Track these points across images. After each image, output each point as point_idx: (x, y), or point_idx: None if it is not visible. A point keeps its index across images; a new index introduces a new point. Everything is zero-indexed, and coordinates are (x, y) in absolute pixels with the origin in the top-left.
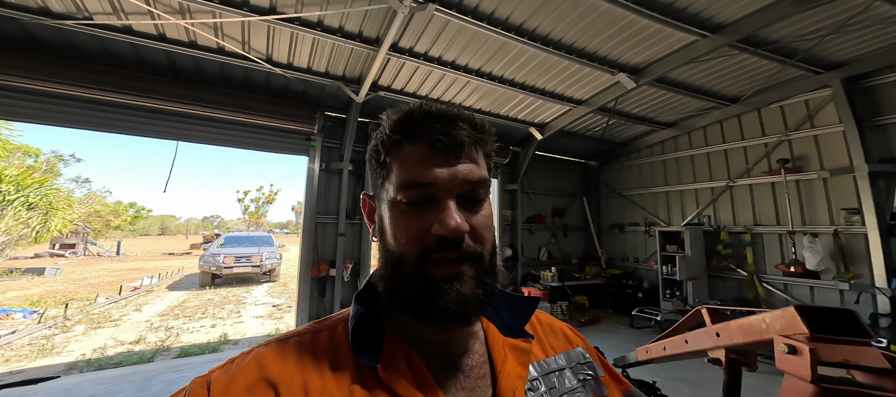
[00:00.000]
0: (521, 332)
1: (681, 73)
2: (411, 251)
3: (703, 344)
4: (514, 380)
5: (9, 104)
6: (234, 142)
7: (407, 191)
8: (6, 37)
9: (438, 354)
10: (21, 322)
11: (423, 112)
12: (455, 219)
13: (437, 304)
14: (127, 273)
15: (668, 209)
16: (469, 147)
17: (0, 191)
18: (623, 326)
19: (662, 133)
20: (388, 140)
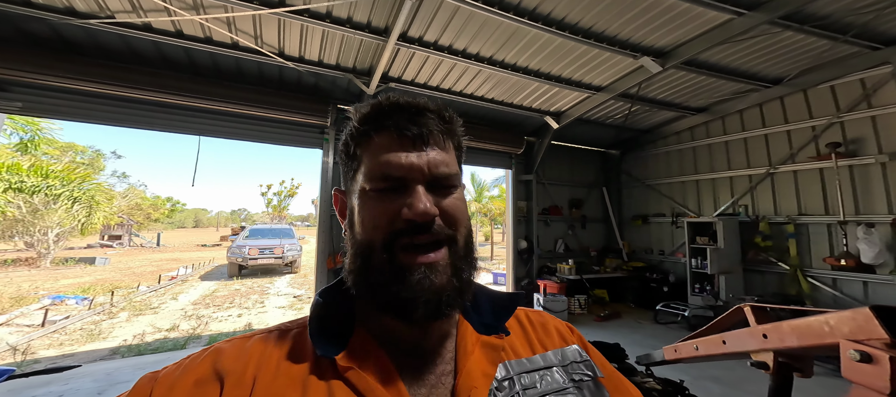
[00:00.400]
0: (498, 329)
1: (713, 55)
2: (379, 236)
3: (746, 345)
4: (475, 378)
5: (44, 102)
6: (252, 136)
7: (376, 178)
8: (39, 37)
9: (406, 349)
10: (74, 308)
11: (391, 103)
12: (423, 202)
13: (408, 294)
14: (165, 263)
15: (699, 198)
16: (438, 136)
17: (48, 185)
18: (646, 321)
19: (692, 118)
20: (357, 132)
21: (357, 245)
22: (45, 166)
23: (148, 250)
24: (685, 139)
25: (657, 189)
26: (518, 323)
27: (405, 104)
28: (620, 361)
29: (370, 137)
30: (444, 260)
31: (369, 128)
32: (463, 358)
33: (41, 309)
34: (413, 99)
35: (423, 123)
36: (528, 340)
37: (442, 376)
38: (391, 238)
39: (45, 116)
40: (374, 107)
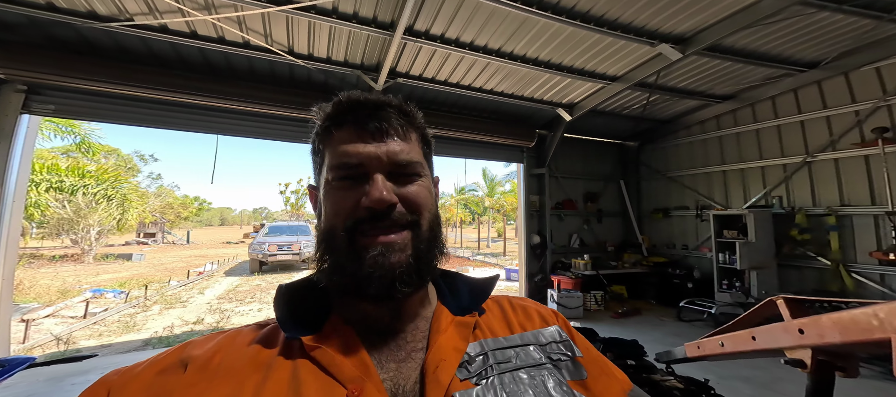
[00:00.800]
0: (472, 310)
1: (739, 40)
2: (340, 222)
3: (779, 341)
4: (443, 352)
5: (74, 104)
6: (267, 134)
7: (337, 169)
8: (66, 42)
9: (377, 329)
10: (112, 301)
11: (350, 100)
12: (381, 190)
13: (363, 271)
14: (194, 259)
15: (727, 190)
16: (398, 128)
17: (85, 184)
18: (669, 319)
19: (717, 107)
20: (320, 129)
21: (322, 233)
22: (82, 167)
23: (179, 247)
24: (710, 128)
25: (679, 181)
26: (499, 307)
27: (364, 100)
28: (638, 358)
29: (331, 133)
30: (404, 240)
31: (331, 124)
32: (435, 336)
33: (83, 302)
34: (374, 95)
35: (382, 117)
36: (507, 321)
37: (412, 352)
38: (352, 224)
39: (74, 118)
40: (335, 105)
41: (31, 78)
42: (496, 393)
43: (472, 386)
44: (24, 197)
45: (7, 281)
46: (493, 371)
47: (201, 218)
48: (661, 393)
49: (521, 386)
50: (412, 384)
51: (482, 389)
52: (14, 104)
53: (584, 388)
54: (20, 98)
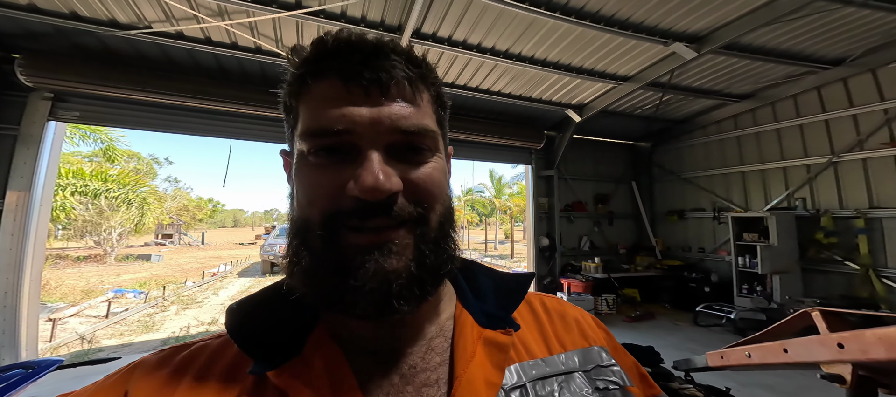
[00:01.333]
0: (504, 322)
1: (758, 37)
2: (317, 214)
3: (815, 355)
4: (476, 388)
5: (97, 111)
6: (275, 137)
7: (314, 138)
8: (90, 50)
9: (377, 349)
10: (132, 301)
11: (337, 39)
12: (375, 173)
13: (348, 284)
14: (208, 260)
15: (746, 191)
16: (404, 84)
17: (107, 188)
18: (684, 323)
19: (735, 106)
20: (293, 78)
21: (291, 224)
22: (105, 171)
23: (194, 248)
24: (727, 128)
25: (695, 182)
26: (531, 312)
27: (357, 41)
28: (654, 365)
29: (308, 85)
30: (404, 239)
31: (307, 71)
32: (462, 363)
33: (105, 302)
34: (371, 37)
35: (382, 67)
36: (542, 335)
37: (425, 386)
38: (332, 218)
39: (98, 124)
40: (315, 45)
41: (56, 86)
42: None
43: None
44: (51, 200)
45: (35, 281)
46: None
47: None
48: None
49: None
50: None
51: None
52: (41, 111)
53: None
54: (47, 105)
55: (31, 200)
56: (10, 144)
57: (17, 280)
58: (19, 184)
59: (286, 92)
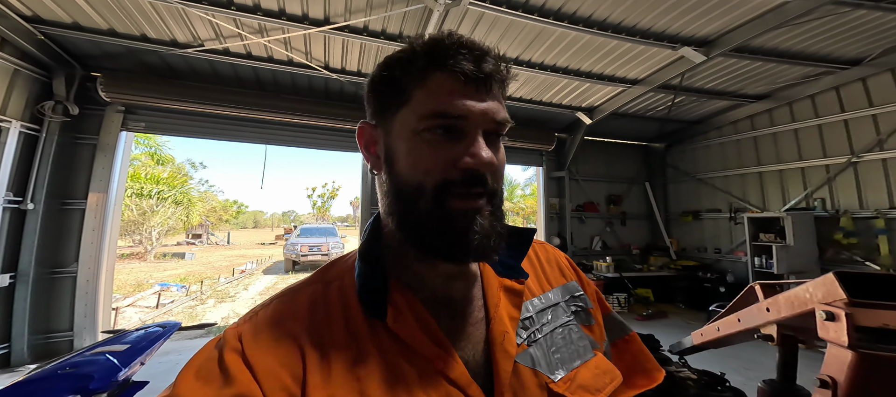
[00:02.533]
0: (516, 271)
1: (770, 40)
2: (431, 181)
3: (755, 320)
4: (505, 323)
5: (159, 121)
6: (305, 142)
7: (434, 119)
8: (152, 67)
9: (440, 300)
10: (176, 294)
11: (455, 40)
12: (488, 151)
13: (460, 239)
14: (235, 259)
15: (763, 192)
16: (498, 84)
17: (159, 190)
18: (698, 323)
19: (751, 106)
20: (411, 65)
21: (401, 188)
22: (157, 175)
23: (221, 247)
24: (744, 129)
25: (710, 183)
26: (528, 260)
27: (469, 44)
28: (654, 351)
29: (429, 73)
30: (487, 208)
31: (428, 63)
32: (493, 307)
33: (155, 294)
34: (471, 39)
35: (487, 69)
36: (537, 277)
37: (475, 323)
38: (443, 185)
39: (159, 133)
40: (433, 40)
41: (128, 100)
42: (544, 351)
43: (527, 348)
44: (122, 201)
45: (109, 273)
46: (539, 332)
47: (239, 221)
48: (675, 384)
49: (559, 341)
50: (480, 353)
51: (534, 349)
52: (115, 123)
53: (589, 331)
54: (120, 117)
55: (108, 201)
56: (90, 152)
57: (96, 271)
58: (98, 187)
59: (401, 74)
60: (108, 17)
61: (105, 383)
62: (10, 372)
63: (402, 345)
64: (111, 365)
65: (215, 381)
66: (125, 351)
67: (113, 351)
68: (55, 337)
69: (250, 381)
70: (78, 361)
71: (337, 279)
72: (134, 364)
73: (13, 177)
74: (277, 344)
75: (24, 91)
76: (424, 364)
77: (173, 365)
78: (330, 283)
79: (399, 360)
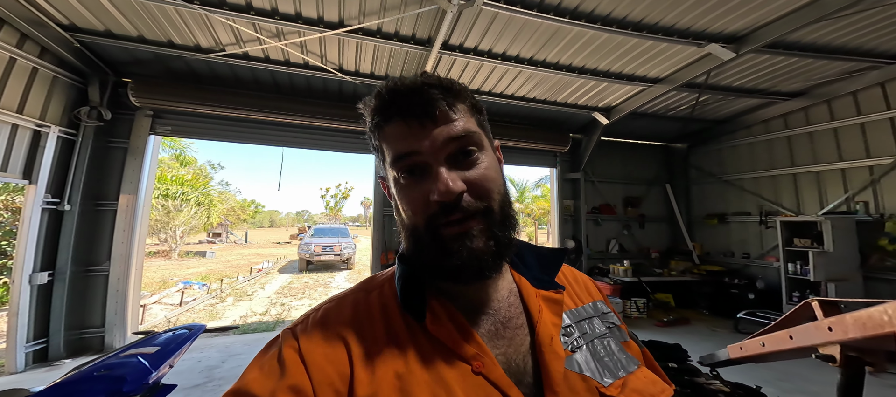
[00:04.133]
0: (552, 284)
1: (807, 34)
2: (420, 220)
3: (812, 339)
4: (549, 328)
5: (184, 125)
6: (320, 144)
7: (397, 165)
8: (178, 73)
9: (475, 307)
10: (198, 292)
11: (390, 90)
12: (444, 181)
13: (451, 263)
14: (253, 257)
15: (798, 194)
16: (444, 107)
17: (183, 191)
18: (724, 330)
19: (784, 104)
20: (372, 125)
21: (405, 228)
22: (181, 177)
23: (239, 246)
24: (776, 128)
25: (738, 184)
26: (562, 278)
27: (403, 87)
28: (681, 361)
29: (382, 128)
30: (479, 226)
31: (380, 119)
32: (535, 313)
33: (178, 292)
34: (412, 78)
35: (425, 101)
36: (570, 293)
37: (516, 329)
38: (431, 220)
39: (184, 136)
40: (377, 97)
41: (156, 104)
42: (589, 358)
43: (572, 354)
44: (151, 202)
45: (138, 271)
46: (581, 340)
47: (256, 220)
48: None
49: (600, 351)
50: (523, 356)
51: (578, 355)
52: (145, 127)
53: (628, 347)
54: (148, 122)
55: (137, 202)
56: (121, 155)
57: (126, 269)
58: (128, 188)
59: (371, 136)
60: (137, 24)
61: (137, 385)
62: (48, 366)
63: (440, 347)
64: (143, 368)
65: (275, 374)
66: (155, 353)
67: (144, 353)
68: (88, 334)
69: (303, 374)
70: (112, 363)
71: (377, 288)
72: (163, 366)
73: (51, 180)
74: (326, 343)
75: (62, 97)
76: (463, 366)
77: (195, 362)
78: (371, 292)
79: (438, 362)
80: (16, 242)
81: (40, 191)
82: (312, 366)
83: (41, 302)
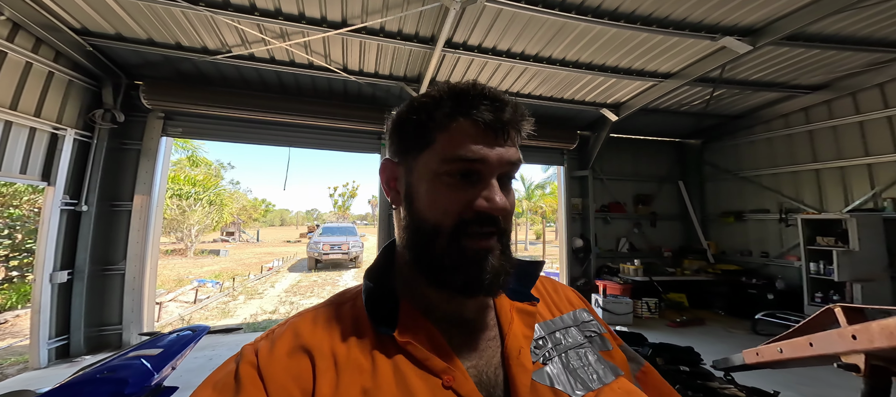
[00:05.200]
0: (526, 296)
1: (829, 26)
2: (449, 222)
3: (834, 347)
4: (519, 340)
5: (194, 126)
6: (325, 144)
7: (454, 163)
8: (187, 75)
9: (451, 320)
10: (211, 290)
11: (476, 91)
12: (502, 195)
13: (472, 276)
14: (264, 256)
15: (821, 191)
16: (514, 131)
17: (195, 191)
18: (741, 331)
19: (806, 98)
20: (436, 110)
21: (420, 225)
22: (194, 177)
23: (251, 244)
24: (797, 122)
25: (756, 181)
26: (537, 291)
27: (490, 95)
28: (693, 365)
29: (451, 119)
30: (497, 246)
31: (452, 110)
32: (506, 325)
33: (193, 290)
34: (495, 90)
35: (504, 118)
36: (547, 305)
37: (488, 341)
38: (459, 225)
39: (194, 137)
40: (456, 89)
41: (167, 106)
42: (561, 369)
43: (542, 367)
44: (164, 203)
45: (152, 270)
46: (553, 352)
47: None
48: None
49: (574, 362)
50: (494, 369)
51: (550, 367)
52: (157, 128)
53: (610, 356)
54: (160, 123)
55: (151, 203)
56: (135, 157)
57: (141, 268)
58: (142, 189)
59: (424, 119)
60: (146, 27)
61: (139, 388)
62: (69, 362)
63: (411, 360)
64: (145, 370)
65: (229, 391)
66: (158, 355)
67: (147, 355)
68: (107, 331)
69: (260, 390)
70: (115, 365)
71: (349, 301)
72: (166, 368)
73: (69, 182)
74: (290, 359)
75: (77, 100)
76: (433, 379)
77: (206, 360)
78: (342, 305)
79: (408, 375)
80: (37, 242)
81: (59, 192)
82: (271, 382)
83: (62, 300)
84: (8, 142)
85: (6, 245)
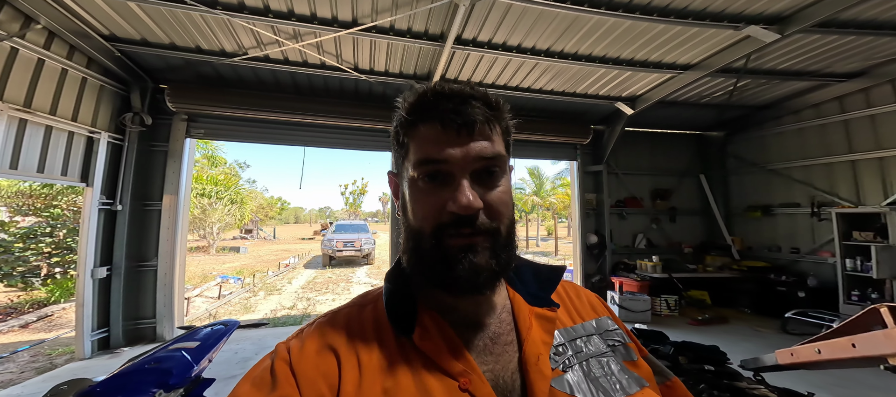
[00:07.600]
0: (546, 301)
1: (865, 11)
2: (428, 226)
3: (881, 348)
4: (538, 346)
5: (215, 127)
6: (338, 143)
7: (422, 167)
8: (206, 77)
9: (468, 323)
10: (233, 286)
11: (435, 92)
12: (467, 196)
13: (451, 274)
14: (280, 253)
15: (857, 183)
16: (482, 124)
17: (217, 190)
18: (769, 330)
19: (840, 86)
20: (404, 121)
21: (410, 230)
22: (215, 176)
23: (268, 242)
24: (830, 112)
25: (785, 173)
26: (558, 296)
27: (450, 93)
28: (719, 364)
29: (416, 126)
30: (484, 244)
31: (415, 117)
32: (525, 330)
33: (217, 286)
34: (459, 87)
35: (468, 113)
36: (568, 311)
37: (505, 345)
38: (439, 228)
39: (215, 138)
40: (419, 95)
41: (190, 109)
42: (582, 378)
43: (562, 374)
44: (190, 202)
45: (181, 266)
46: (574, 359)
47: (282, 217)
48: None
49: (596, 371)
50: (511, 374)
51: (570, 375)
52: (181, 130)
53: (635, 367)
54: (184, 125)
55: (178, 202)
56: (162, 158)
57: (171, 264)
58: (170, 189)
59: (399, 130)
60: (168, 32)
61: (182, 378)
62: (110, 353)
63: (428, 363)
64: (186, 362)
65: (266, 386)
66: (196, 347)
67: (187, 347)
68: (142, 324)
69: (293, 386)
70: (160, 356)
71: (371, 303)
72: (203, 360)
73: (105, 182)
74: (318, 357)
75: (109, 105)
76: (451, 382)
77: (231, 354)
78: (364, 306)
79: (426, 377)
80: (78, 240)
81: (96, 192)
82: (302, 379)
83: (102, 294)
84: (50, 146)
85: (49, 243)
